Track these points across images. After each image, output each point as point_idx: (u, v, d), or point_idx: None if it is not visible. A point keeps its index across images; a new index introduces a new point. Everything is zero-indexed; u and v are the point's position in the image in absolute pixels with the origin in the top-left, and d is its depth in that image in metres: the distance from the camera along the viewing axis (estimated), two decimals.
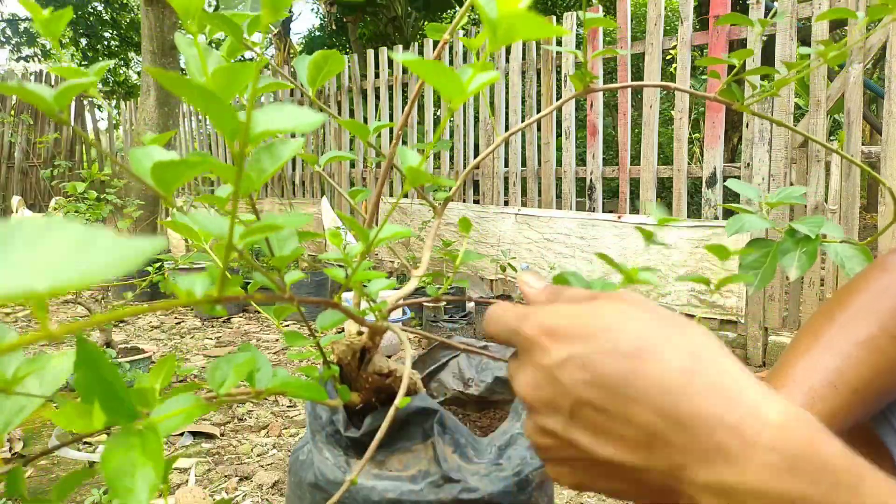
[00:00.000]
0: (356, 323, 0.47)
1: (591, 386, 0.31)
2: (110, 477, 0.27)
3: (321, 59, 0.50)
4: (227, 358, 0.39)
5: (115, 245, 0.14)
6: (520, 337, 0.36)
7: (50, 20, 0.37)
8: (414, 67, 0.28)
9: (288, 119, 0.25)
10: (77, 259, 0.13)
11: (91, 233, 0.14)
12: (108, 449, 0.28)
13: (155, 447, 0.28)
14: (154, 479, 0.27)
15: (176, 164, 0.25)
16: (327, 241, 1.87)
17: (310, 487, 0.62)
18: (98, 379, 0.29)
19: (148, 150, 0.32)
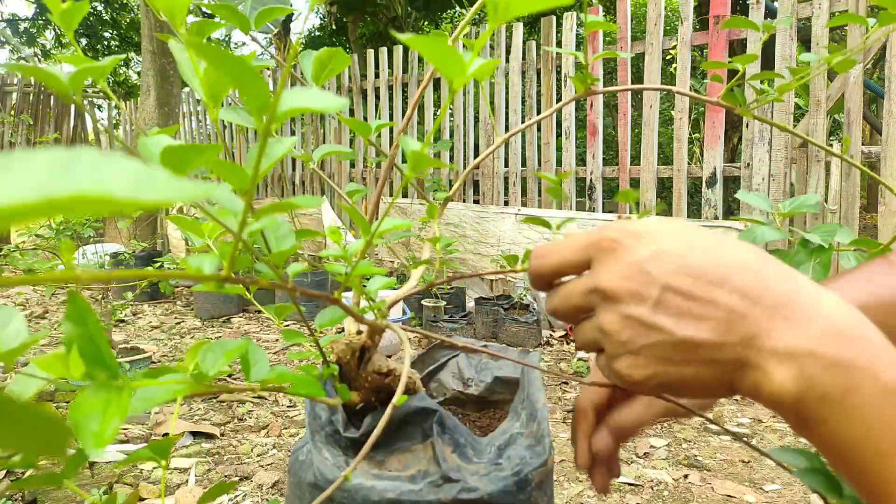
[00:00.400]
0: (355, 321, 0.47)
1: (679, 274, 0.35)
2: (78, 420, 0.28)
3: (326, 56, 0.50)
4: (219, 342, 0.40)
5: (168, 181, 0.14)
6: (602, 241, 0.38)
7: (66, 12, 0.37)
8: (414, 44, 0.28)
9: (313, 100, 0.26)
10: (135, 186, 0.14)
11: (148, 169, 0.15)
12: (81, 397, 0.29)
13: (124, 403, 0.30)
14: (116, 428, 0.28)
15: (185, 148, 0.26)
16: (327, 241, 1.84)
17: (309, 487, 0.62)
18: (83, 334, 0.30)
19: (157, 138, 0.32)
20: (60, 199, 0.12)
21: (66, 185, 0.12)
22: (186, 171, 0.27)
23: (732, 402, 2.31)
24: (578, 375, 2.62)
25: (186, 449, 1.89)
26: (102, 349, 0.31)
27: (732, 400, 2.33)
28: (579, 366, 2.68)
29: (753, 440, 1.98)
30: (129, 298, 2.64)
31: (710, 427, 2.07)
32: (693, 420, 2.14)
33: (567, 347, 3.06)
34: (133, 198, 0.13)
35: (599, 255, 0.38)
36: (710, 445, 1.94)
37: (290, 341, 0.49)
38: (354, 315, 0.44)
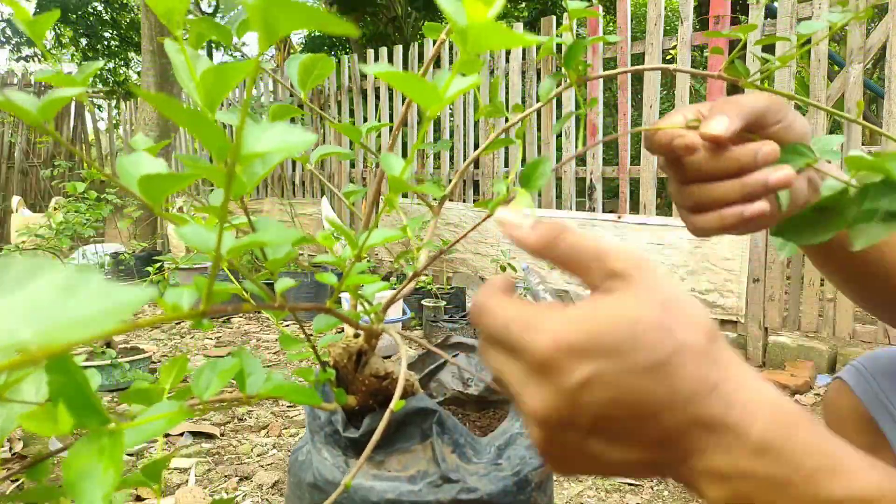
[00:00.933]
0: (350, 326, 0.47)
1: (614, 403, 0.33)
2: (71, 479, 0.27)
3: (310, 63, 0.50)
4: (212, 363, 0.39)
5: (103, 292, 0.13)
6: (531, 355, 0.34)
7: (35, 21, 0.36)
8: (386, 78, 0.28)
9: (277, 139, 0.25)
10: (64, 305, 0.13)
11: (78, 277, 0.13)
12: (74, 451, 0.28)
13: (119, 453, 0.29)
14: (112, 484, 0.27)
15: (163, 177, 0.25)
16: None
17: (309, 488, 0.62)
18: (68, 381, 0.29)
19: (137, 159, 0.32)
20: None
21: None
22: (164, 197, 0.27)
23: None
24: None
25: (186, 449, 1.89)
26: (90, 396, 0.30)
27: None
28: None
29: None
30: None
31: None
32: None
33: None
34: (56, 328, 0.12)
35: (525, 364, 0.34)
36: None
37: (287, 348, 0.49)
38: (349, 322, 0.44)
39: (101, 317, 0.13)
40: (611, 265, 0.35)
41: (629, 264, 0.35)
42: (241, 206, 0.43)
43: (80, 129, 8.32)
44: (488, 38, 0.28)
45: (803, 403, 2.28)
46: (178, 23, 0.34)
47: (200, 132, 0.24)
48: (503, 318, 0.35)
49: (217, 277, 0.29)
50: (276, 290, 0.38)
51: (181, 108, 0.23)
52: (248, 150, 0.25)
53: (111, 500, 0.27)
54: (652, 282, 0.35)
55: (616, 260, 0.35)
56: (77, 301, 0.13)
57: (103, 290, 0.13)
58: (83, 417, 0.29)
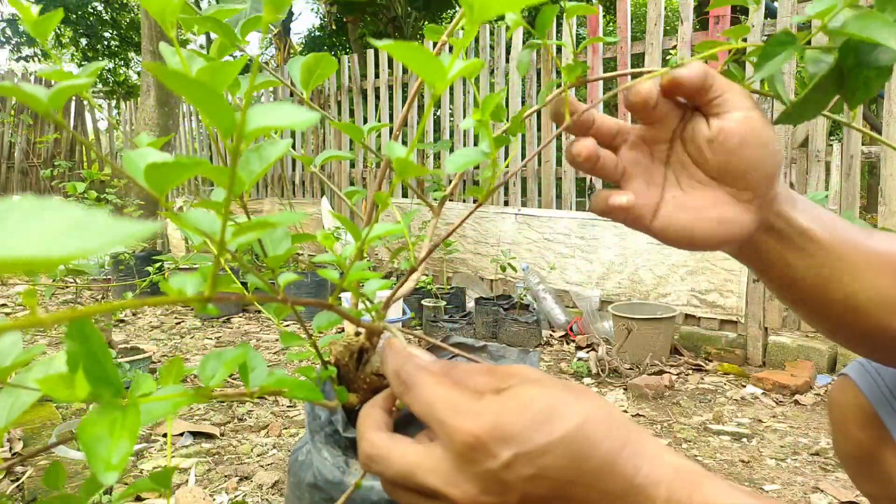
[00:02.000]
0: (352, 324, 0.47)
1: (538, 479, 0.36)
2: (87, 442, 0.28)
3: (313, 62, 0.50)
4: (218, 353, 0.39)
5: (109, 226, 0.14)
6: (460, 435, 0.36)
7: (40, 21, 0.37)
8: (392, 51, 0.28)
9: (282, 117, 0.25)
10: (73, 235, 0.14)
11: (88, 213, 0.15)
12: (89, 418, 0.29)
13: (133, 423, 0.29)
14: (128, 451, 0.28)
15: (169, 165, 0.25)
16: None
17: (309, 488, 0.62)
18: (87, 351, 0.30)
19: (142, 152, 0.32)
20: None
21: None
22: (170, 188, 0.27)
23: (732, 402, 2.31)
24: (578, 376, 2.62)
25: (186, 449, 1.89)
26: (107, 367, 0.30)
27: (732, 400, 2.33)
28: (579, 366, 2.68)
29: (753, 440, 1.98)
30: (129, 298, 2.64)
31: (711, 427, 2.07)
32: (693, 420, 2.14)
33: (567, 347, 3.06)
34: (62, 254, 0.13)
35: (448, 444, 0.37)
36: (710, 445, 1.94)
37: (287, 344, 0.49)
38: (350, 319, 0.44)
39: (107, 243, 0.14)
40: (505, 371, 0.40)
41: (520, 366, 0.41)
42: (241, 205, 0.43)
43: (81, 129, 8.32)
44: (494, 2, 0.28)
45: (803, 403, 2.28)
46: (172, 23, 0.34)
47: (207, 106, 0.24)
48: (429, 397, 0.39)
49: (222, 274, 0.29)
50: (280, 283, 0.38)
51: (187, 79, 0.23)
52: (253, 125, 0.25)
53: (125, 467, 0.27)
54: (545, 375, 0.40)
55: (507, 367, 0.41)
56: (85, 232, 0.14)
57: (109, 222, 0.14)
58: (99, 386, 0.30)
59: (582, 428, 0.36)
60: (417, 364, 0.40)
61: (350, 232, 0.40)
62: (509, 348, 0.87)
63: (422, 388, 0.39)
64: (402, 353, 0.41)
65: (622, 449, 0.37)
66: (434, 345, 0.60)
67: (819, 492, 1.64)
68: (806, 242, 0.54)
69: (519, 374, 0.40)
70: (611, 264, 3.21)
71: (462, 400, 0.37)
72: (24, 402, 0.34)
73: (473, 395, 0.38)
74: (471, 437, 0.36)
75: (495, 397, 0.37)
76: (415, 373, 0.40)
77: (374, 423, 0.42)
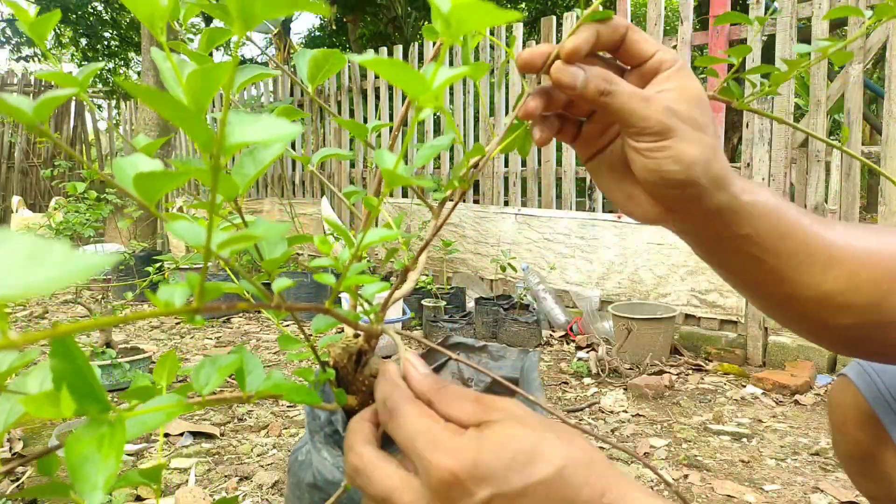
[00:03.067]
0: (349, 327, 0.47)
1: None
2: (73, 463, 0.28)
3: (322, 57, 0.50)
4: (212, 359, 0.39)
5: (66, 259, 0.14)
6: (437, 471, 0.36)
7: (37, 22, 0.36)
8: (373, 66, 0.28)
9: (262, 130, 0.25)
10: (27, 270, 0.13)
11: (43, 245, 0.14)
12: (75, 436, 0.29)
13: (120, 440, 0.29)
14: (115, 470, 0.28)
15: (157, 175, 0.25)
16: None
17: (308, 488, 0.62)
18: (71, 369, 0.29)
19: (132, 160, 0.32)
20: None
21: None
22: (160, 196, 0.27)
23: (732, 402, 2.31)
24: (578, 375, 2.62)
25: (186, 449, 1.89)
26: (93, 383, 0.30)
27: (732, 400, 2.33)
28: (579, 366, 2.68)
29: (753, 440, 1.98)
30: (129, 298, 2.64)
31: (710, 427, 2.07)
32: (693, 420, 2.14)
33: (567, 347, 3.06)
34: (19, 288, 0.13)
35: (433, 497, 0.37)
36: (709, 445, 1.94)
37: (286, 348, 0.49)
38: (348, 322, 0.44)
39: (64, 278, 0.13)
40: (491, 403, 0.40)
41: (506, 400, 0.40)
42: (235, 208, 0.43)
43: (80, 129, 8.32)
44: (472, 18, 0.28)
45: (803, 403, 2.28)
46: (161, 28, 0.34)
47: (185, 124, 0.24)
48: (411, 429, 0.39)
49: (218, 278, 0.29)
50: (274, 289, 0.38)
51: (168, 99, 0.23)
52: (232, 140, 0.25)
53: (112, 486, 0.27)
54: (530, 411, 0.40)
55: (494, 399, 0.40)
56: (42, 265, 0.14)
57: (66, 255, 0.14)
58: (85, 403, 0.30)
59: (562, 472, 0.36)
60: (403, 394, 0.41)
61: (343, 238, 0.40)
62: (509, 348, 0.87)
63: (405, 419, 0.39)
64: (391, 382, 0.42)
65: (601, 496, 0.36)
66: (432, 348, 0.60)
67: (819, 492, 1.64)
68: (749, 245, 0.51)
69: (505, 408, 0.39)
70: (611, 264, 3.21)
71: (443, 435, 0.37)
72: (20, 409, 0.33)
73: (454, 432, 0.38)
74: (448, 474, 0.36)
75: (477, 434, 0.37)
76: (400, 403, 0.40)
77: (363, 436, 0.42)
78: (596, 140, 0.53)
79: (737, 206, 0.49)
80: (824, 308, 0.53)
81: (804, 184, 2.67)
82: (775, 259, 0.51)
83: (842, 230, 0.54)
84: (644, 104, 0.45)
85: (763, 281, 0.54)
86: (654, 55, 0.48)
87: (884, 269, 0.52)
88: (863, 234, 0.54)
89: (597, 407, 2.26)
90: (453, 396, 0.40)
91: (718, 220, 0.50)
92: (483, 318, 3.21)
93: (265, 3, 0.22)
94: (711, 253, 0.55)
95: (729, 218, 0.50)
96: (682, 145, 0.46)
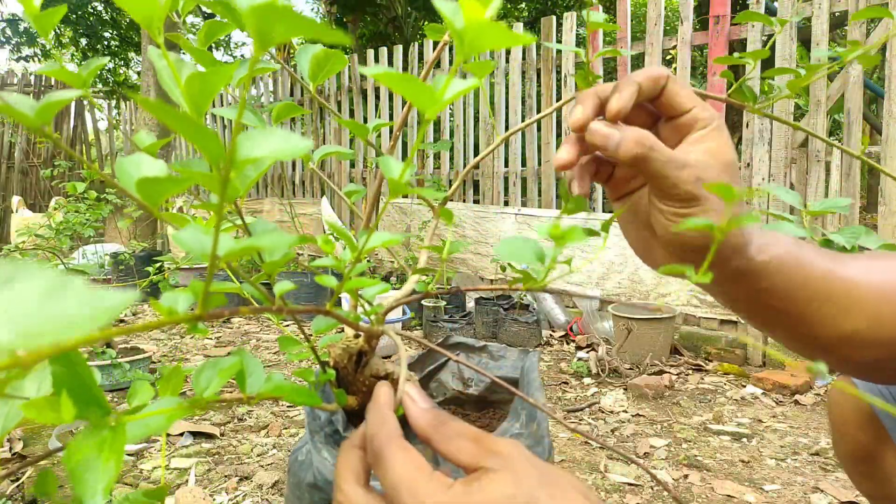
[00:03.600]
0: (350, 328, 0.47)
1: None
2: (73, 468, 0.28)
3: (323, 56, 0.50)
4: (213, 361, 0.39)
5: (85, 297, 0.13)
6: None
7: (43, 16, 0.36)
8: (384, 80, 0.28)
9: (274, 145, 0.25)
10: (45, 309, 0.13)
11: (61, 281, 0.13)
12: (76, 441, 0.28)
13: (120, 444, 0.29)
14: (114, 475, 0.28)
15: (161, 180, 0.25)
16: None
17: (309, 488, 0.62)
18: (71, 374, 0.29)
19: (136, 160, 0.31)
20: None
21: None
22: (163, 199, 0.27)
23: (732, 402, 2.31)
24: (578, 375, 2.62)
25: (186, 449, 1.89)
26: (93, 388, 0.30)
27: (732, 400, 2.33)
28: (579, 366, 2.68)
29: (753, 440, 1.98)
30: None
31: (710, 427, 2.07)
32: (693, 420, 2.14)
33: (567, 347, 3.06)
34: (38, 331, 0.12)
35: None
36: (710, 445, 1.94)
37: (286, 349, 0.49)
38: (348, 323, 0.44)
39: (84, 320, 0.13)
40: (490, 445, 0.38)
41: (507, 444, 0.38)
42: (236, 210, 0.43)
43: (80, 129, 8.32)
44: (486, 38, 0.28)
45: (803, 403, 2.28)
46: (159, 29, 0.34)
47: (195, 137, 0.24)
48: (394, 478, 0.38)
49: (217, 276, 0.29)
50: (275, 292, 0.38)
51: (176, 113, 0.23)
52: (244, 155, 0.25)
53: (112, 491, 0.27)
54: (528, 459, 0.38)
55: (495, 442, 0.38)
56: (60, 304, 0.13)
57: (86, 293, 0.13)
58: (85, 408, 0.29)
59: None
60: (389, 435, 0.40)
61: (346, 242, 0.40)
62: (509, 348, 0.87)
63: (390, 464, 0.38)
64: (380, 416, 0.41)
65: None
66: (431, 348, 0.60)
67: (819, 492, 1.64)
68: (767, 297, 0.52)
69: (503, 454, 0.38)
70: (611, 264, 3.21)
71: (427, 489, 0.37)
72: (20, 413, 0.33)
73: (440, 485, 0.37)
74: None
75: (464, 488, 0.37)
76: (385, 446, 0.39)
77: (351, 472, 0.41)
78: (626, 184, 0.54)
79: (752, 267, 0.49)
80: (847, 345, 0.53)
81: (804, 184, 2.67)
82: (794, 306, 0.51)
83: (861, 266, 0.53)
84: (678, 172, 0.45)
85: (783, 324, 0.54)
86: (691, 111, 0.47)
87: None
88: (883, 267, 0.54)
89: (597, 407, 2.26)
90: (453, 434, 0.39)
91: (733, 280, 0.50)
92: (483, 318, 3.21)
93: (284, 28, 0.22)
94: (728, 302, 0.55)
95: (745, 278, 0.50)
96: (708, 215, 0.46)
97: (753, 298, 0.52)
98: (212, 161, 0.25)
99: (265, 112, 4.11)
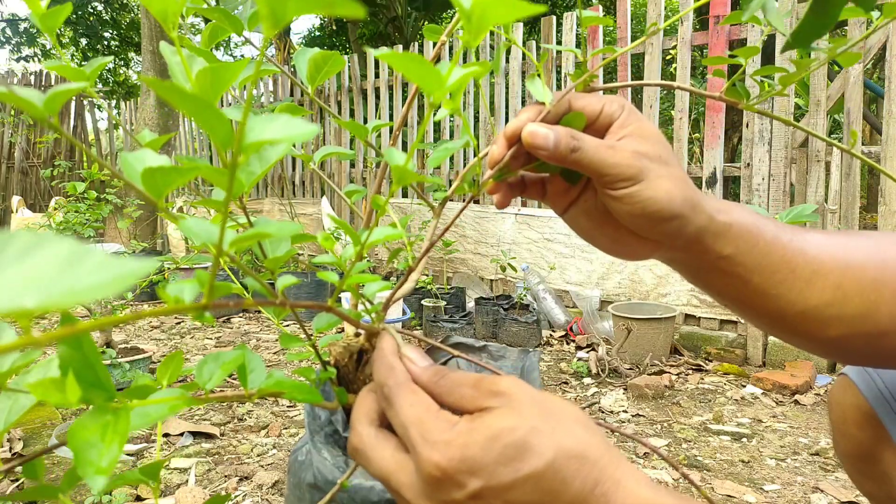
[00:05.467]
0: (351, 325, 0.47)
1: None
2: (77, 447, 0.28)
3: (321, 59, 0.50)
4: (215, 355, 0.39)
5: (105, 264, 0.14)
6: (426, 465, 0.37)
7: (48, 14, 0.37)
8: (390, 61, 0.28)
9: (282, 129, 0.25)
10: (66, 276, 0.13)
11: (81, 249, 0.14)
12: (80, 422, 0.29)
13: (124, 427, 0.29)
14: (117, 455, 0.28)
15: (166, 170, 0.25)
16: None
17: (309, 488, 0.62)
18: (78, 356, 0.30)
19: (140, 155, 0.32)
20: None
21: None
22: (168, 192, 0.27)
23: (732, 402, 2.31)
24: (578, 375, 2.62)
25: (186, 449, 1.89)
26: (99, 371, 0.30)
27: (732, 400, 2.33)
28: (579, 366, 2.68)
29: (753, 440, 1.98)
30: (129, 298, 2.64)
31: (710, 427, 2.07)
32: (693, 420, 2.14)
33: (567, 347, 3.06)
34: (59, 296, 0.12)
35: (419, 471, 0.38)
36: (709, 445, 1.94)
37: (287, 346, 0.49)
38: (349, 321, 0.44)
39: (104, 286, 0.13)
40: (490, 386, 0.39)
41: (507, 382, 0.40)
42: (240, 206, 0.43)
43: (80, 129, 8.32)
44: (493, 12, 0.28)
45: (803, 403, 2.28)
46: (175, 23, 0.34)
47: (204, 120, 0.24)
48: (403, 419, 0.39)
49: (218, 277, 0.29)
50: (278, 287, 0.38)
51: (185, 93, 0.23)
52: (252, 138, 0.25)
53: (113, 471, 0.27)
54: (528, 393, 0.39)
55: (494, 382, 0.40)
56: (80, 271, 0.13)
57: (105, 260, 0.14)
58: (91, 391, 0.30)
59: (552, 465, 0.36)
60: (398, 380, 0.41)
61: (349, 236, 0.40)
62: (509, 348, 0.87)
63: (399, 407, 0.40)
64: (387, 365, 0.42)
65: (594, 488, 0.37)
66: (432, 346, 0.60)
67: (819, 492, 1.64)
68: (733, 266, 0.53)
69: (504, 393, 0.39)
70: (611, 264, 3.21)
71: (434, 427, 0.38)
72: (22, 406, 0.34)
73: (446, 423, 0.38)
74: (436, 468, 0.37)
75: (468, 425, 0.38)
76: (395, 389, 0.40)
77: (365, 414, 0.42)
78: (564, 194, 0.55)
79: (715, 228, 0.51)
80: (813, 321, 0.54)
81: (804, 184, 2.67)
82: (759, 277, 0.53)
83: (822, 240, 0.54)
84: (611, 152, 0.47)
85: (751, 299, 0.55)
86: (602, 109, 0.50)
87: (869, 280, 0.53)
88: (844, 243, 0.55)
89: (597, 407, 2.26)
90: (454, 385, 0.41)
91: (701, 244, 0.52)
92: (483, 318, 3.21)
93: (297, 2, 0.22)
94: (699, 277, 0.56)
95: (710, 241, 0.51)
96: (657, 182, 0.48)
97: (720, 269, 0.53)
98: (221, 146, 0.25)
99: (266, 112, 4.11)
